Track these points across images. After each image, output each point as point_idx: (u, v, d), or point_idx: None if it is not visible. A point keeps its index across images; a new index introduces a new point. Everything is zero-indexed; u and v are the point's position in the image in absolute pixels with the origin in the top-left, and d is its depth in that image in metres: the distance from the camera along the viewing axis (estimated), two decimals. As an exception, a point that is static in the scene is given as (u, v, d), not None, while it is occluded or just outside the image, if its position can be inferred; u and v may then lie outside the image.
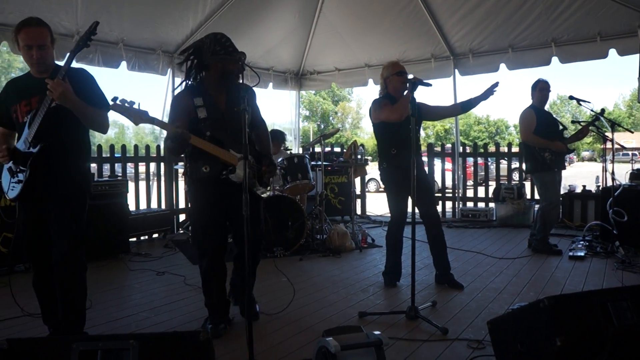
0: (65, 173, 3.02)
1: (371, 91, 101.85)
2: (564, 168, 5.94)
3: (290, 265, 5.45)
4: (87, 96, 2.99)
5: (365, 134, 61.75)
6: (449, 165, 9.85)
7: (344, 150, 8.36)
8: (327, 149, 9.76)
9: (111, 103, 2.96)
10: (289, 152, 7.32)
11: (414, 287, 3.71)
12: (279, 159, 6.25)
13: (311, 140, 10.34)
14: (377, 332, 2.41)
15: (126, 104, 2.96)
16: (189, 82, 3.49)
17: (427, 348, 3.16)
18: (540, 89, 5.89)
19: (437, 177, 10.08)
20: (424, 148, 8.82)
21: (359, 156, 7.03)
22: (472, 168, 9.47)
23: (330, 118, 59.95)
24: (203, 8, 7.27)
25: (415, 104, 3.82)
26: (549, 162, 5.72)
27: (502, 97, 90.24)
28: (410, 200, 3.97)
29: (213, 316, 3.50)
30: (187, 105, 3.36)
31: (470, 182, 9.64)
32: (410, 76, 4.28)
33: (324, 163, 6.82)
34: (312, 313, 3.89)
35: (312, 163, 6.79)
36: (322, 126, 57.67)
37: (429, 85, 4.34)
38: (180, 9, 7.07)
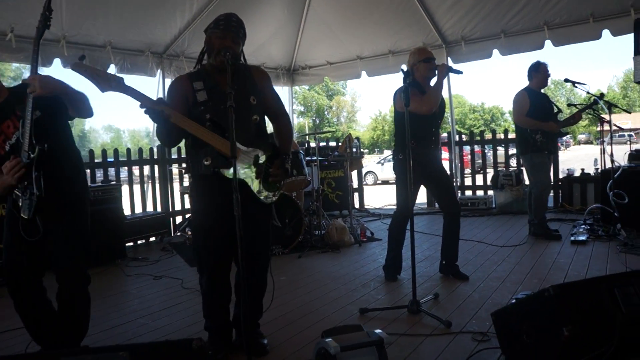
0: (65, 182, 2.79)
1: (364, 84, 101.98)
2: (555, 152, 5.90)
3: (289, 263, 5.38)
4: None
5: (361, 127, 61.79)
6: (445, 154, 9.77)
7: (339, 145, 8.29)
8: (322, 143, 9.68)
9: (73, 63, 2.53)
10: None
11: (415, 281, 3.64)
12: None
13: (306, 136, 10.24)
14: (378, 331, 2.35)
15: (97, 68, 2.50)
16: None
17: (430, 342, 3.09)
18: (542, 71, 5.86)
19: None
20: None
21: (355, 149, 6.96)
22: (469, 156, 9.40)
23: (325, 113, 59.92)
24: (190, 7, 7.19)
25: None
26: (539, 143, 5.72)
27: (496, 83, 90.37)
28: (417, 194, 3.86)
29: (212, 341, 3.04)
30: (184, 89, 2.87)
31: (467, 171, 9.56)
32: (439, 63, 4.19)
33: (319, 158, 6.74)
34: (313, 311, 3.83)
35: (307, 158, 6.71)
36: (317, 121, 57.64)
37: (459, 72, 4.25)
38: (167, 8, 6.98)
